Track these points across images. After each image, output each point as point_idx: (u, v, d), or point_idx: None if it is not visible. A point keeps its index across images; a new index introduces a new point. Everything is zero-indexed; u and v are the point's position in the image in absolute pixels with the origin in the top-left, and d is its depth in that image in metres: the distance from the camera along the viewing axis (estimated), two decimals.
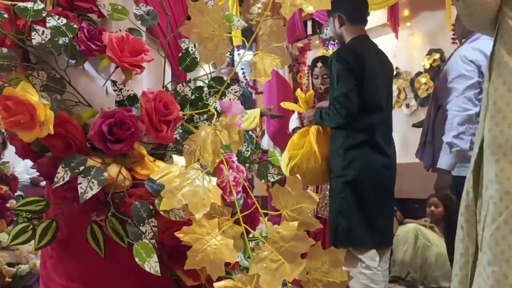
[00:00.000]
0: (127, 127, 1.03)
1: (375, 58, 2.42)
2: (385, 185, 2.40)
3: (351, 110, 2.29)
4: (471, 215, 1.17)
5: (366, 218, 2.33)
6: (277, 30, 1.02)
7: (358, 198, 2.34)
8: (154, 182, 1.04)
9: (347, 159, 2.36)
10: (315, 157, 2.50)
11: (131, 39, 1.10)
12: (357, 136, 2.35)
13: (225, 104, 1.17)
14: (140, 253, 0.96)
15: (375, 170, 2.34)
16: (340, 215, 2.36)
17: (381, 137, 2.38)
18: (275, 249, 1.01)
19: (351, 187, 2.34)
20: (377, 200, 2.36)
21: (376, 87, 2.37)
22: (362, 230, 2.32)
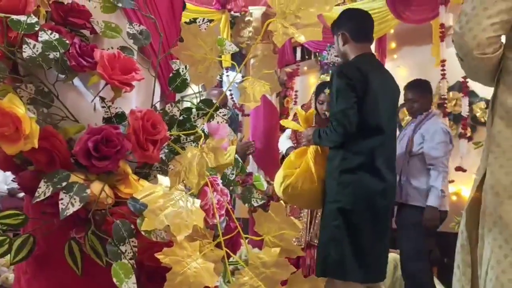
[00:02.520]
0: (113, 144, 1.03)
1: (379, 77, 2.30)
2: (380, 215, 2.24)
3: (349, 128, 2.16)
4: (465, 254, 1.17)
5: (357, 249, 2.18)
6: (268, 57, 1.04)
7: (350, 227, 2.18)
8: (137, 201, 1.03)
9: (341, 183, 2.22)
10: (311, 178, 2.37)
11: (123, 57, 1.11)
12: (354, 158, 2.21)
13: (212, 127, 1.17)
14: (118, 273, 0.95)
15: (370, 198, 2.20)
16: (331, 243, 2.21)
17: (381, 161, 2.24)
18: (256, 275, 1.01)
19: (344, 215, 2.19)
20: (371, 231, 2.21)
21: (378, 107, 2.25)
22: (352, 263, 2.16)
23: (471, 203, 1.18)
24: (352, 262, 2.17)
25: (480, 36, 1.08)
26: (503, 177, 1.08)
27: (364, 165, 2.20)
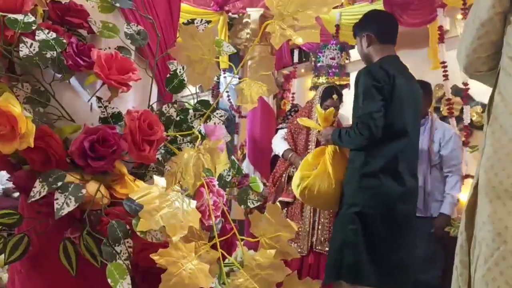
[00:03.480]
0: (109, 144, 1.02)
1: (404, 80, 2.23)
2: (400, 220, 2.15)
3: (375, 132, 2.08)
4: (464, 255, 1.18)
5: (374, 254, 2.11)
6: (266, 59, 1.04)
7: (368, 232, 2.12)
8: (132, 202, 1.03)
9: (362, 187, 2.15)
10: (329, 180, 2.30)
11: (120, 57, 1.11)
12: (377, 162, 2.14)
13: (209, 128, 1.17)
14: (113, 273, 0.94)
15: (390, 202, 2.12)
16: (346, 247, 2.13)
17: (404, 166, 2.17)
18: (251, 277, 1.01)
19: (362, 219, 2.12)
20: (390, 236, 2.12)
21: (403, 111, 2.18)
22: (368, 267, 2.09)
23: (469, 204, 1.19)
24: (368, 266, 2.10)
25: (471, 57, 1.17)
26: (493, 177, 1.10)
27: (387, 169, 2.14)
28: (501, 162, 1.10)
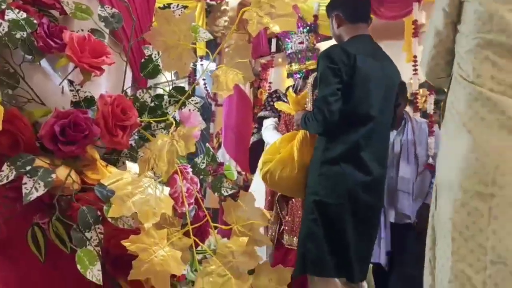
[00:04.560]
0: (80, 129, 1.00)
1: (372, 61, 2.06)
2: (363, 210, 2.03)
3: (329, 117, 1.96)
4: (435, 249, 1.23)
5: (335, 245, 2.01)
6: (243, 46, 1.03)
7: (328, 222, 2.01)
8: (104, 188, 1.02)
9: (322, 174, 2.04)
10: (292, 165, 2.18)
11: (93, 40, 1.08)
12: (337, 148, 2.01)
13: (184, 115, 1.16)
14: (82, 260, 0.93)
15: (351, 191, 2.01)
16: (308, 239, 2.04)
17: (368, 153, 2.04)
18: (223, 264, 1.01)
19: (322, 208, 2.01)
20: (352, 227, 2.01)
21: (368, 93, 2.03)
22: (330, 259, 2.00)
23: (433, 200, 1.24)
24: (330, 258, 2.00)
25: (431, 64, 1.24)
26: (443, 172, 1.16)
27: (348, 156, 2.01)
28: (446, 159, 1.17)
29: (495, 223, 1.03)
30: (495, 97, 1.05)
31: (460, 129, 1.11)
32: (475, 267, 1.05)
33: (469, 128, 1.09)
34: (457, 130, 1.13)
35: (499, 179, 1.03)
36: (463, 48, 1.14)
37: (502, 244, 1.02)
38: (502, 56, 1.05)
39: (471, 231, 1.06)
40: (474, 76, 1.09)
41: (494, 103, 1.05)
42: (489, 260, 1.03)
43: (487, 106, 1.06)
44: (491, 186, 1.04)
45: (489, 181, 1.04)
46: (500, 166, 1.03)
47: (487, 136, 1.05)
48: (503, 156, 1.03)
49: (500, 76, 1.05)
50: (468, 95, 1.10)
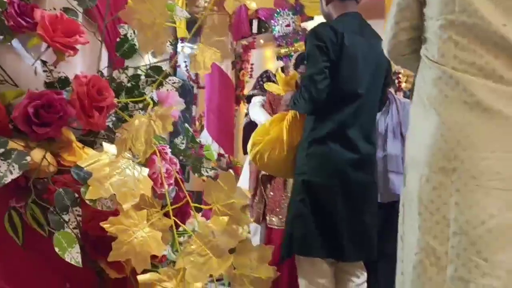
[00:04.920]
0: (55, 110, 0.98)
1: (360, 39, 2.04)
2: (354, 189, 2.00)
3: (316, 96, 1.94)
4: None
5: (324, 225, 1.98)
6: (220, 24, 1.02)
7: (316, 202, 1.99)
8: (81, 170, 1.00)
9: (309, 154, 2.02)
10: (281, 146, 2.15)
11: (66, 18, 1.05)
12: (324, 127, 2.00)
13: (162, 95, 1.14)
14: (60, 242, 0.92)
15: (340, 170, 1.99)
16: (296, 219, 2.02)
17: (355, 131, 2.02)
18: (204, 244, 1.01)
19: (310, 188, 2.00)
20: (342, 206, 1.99)
21: (355, 72, 2.01)
22: (317, 239, 1.97)
23: None
24: (317, 238, 1.97)
25: (393, 41, 1.24)
26: (411, 150, 1.20)
27: (335, 135, 2.00)
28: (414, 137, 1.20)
29: (457, 196, 1.06)
30: (457, 75, 1.08)
31: (427, 108, 1.14)
32: (439, 239, 1.08)
33: (434, 106, 1.12)
34: (424, 109, 1.16)
35: (461, 153, 1.06)
36: (429, 30, 1.16)
37: (464, 216, 1.05)
38: (464, 35, 1.07)
39: (436, 204, 1.09)
40: (438, 56, 1.12)
41: (456, 81, 1.08)
42: (452, 232, 1.06)
43: (450, 84, 1.09)
44: (453, 161, 1.07)
45: (452, 156, 1.07)
46: (462, 141, 1.06)
47: (451, 113, 1.08)
48: (464, 132, 1.06)
49: (462, 55, 1.08)
50: (433, 74, 1.13)
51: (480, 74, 1.06)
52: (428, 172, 1.11)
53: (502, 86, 1.04)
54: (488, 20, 1.04)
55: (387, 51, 1.29)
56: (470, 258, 1.04)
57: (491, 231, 1.03)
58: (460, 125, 1.07)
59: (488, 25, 1.04)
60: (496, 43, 1.05)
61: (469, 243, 1.04)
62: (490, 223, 1.03)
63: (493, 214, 1.03)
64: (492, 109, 1.04)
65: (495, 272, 1.02)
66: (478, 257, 1.03)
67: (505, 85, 1.04)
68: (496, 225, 1.03)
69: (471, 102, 1.06)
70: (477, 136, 1.05)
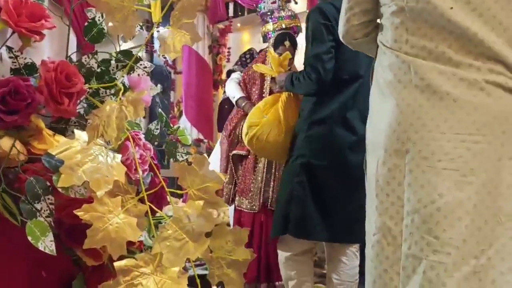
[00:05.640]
0: (22, 97, 0.96)
1: None
2: (351, 171, 1.98)
3: (324, 75, 1.90)
4: None
5: (323, 207, 1.99)
6: (189, 6, 1.00)
7: (315, 184, 1.99)
8: (52, 157, 0.99)
9: (309, 136, 2.00)
10: (280, 127, 2.14)
11: (30, 3, 1.02)
12: (324, 109, 1.98)
13: (133, 79, 1.13)
14: (33, 231, 0.91)
15: (339, 152, 1.98)
16: (293, 201, 2.01)
17: (354, 113, 2.00)
18: (180, 228, 1.01)
19: (309, 170, 1.99)
20: (340, 187, 2.00)
21: (357, 53, 1.95)
22: (317, 221, 1.98)
23: None
24: (316, 220, 1.98)
25: (347, 26, 1.28)
26: (369, 134, 1.24)
27: (335, 116, 1.98)
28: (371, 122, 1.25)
29: (410, 177, 1.10)
30: (408, 60, 1.11)
31: (383, 93, 1.17)
32: (395, 219, 1.12)
33: (390, 91, 1.15)
34: (380, 94, 1.19)
35: (413, 135, 1.09)
36: (384, 16, 1.19)
37: (416, 195, 1.09)
38: (414, 20, 1.10)
39: (391, 186, 1.13)
40: (392, 42, 1.15)
41: (408, 66, 1.11)
42: (406, 211, 1.10)
43: (403, 69, 1.12)
44: (406, 143, 1.10)
45: (405, 138, 1.10)
46: (414, 123, 1.09)
47: (403, 97, 1.12)
48: (416, 114, 1.09)
49: (413, 40, 1.10)
50: (388, 60, 1.16)
51: (430, 58, 1.09)
52: (383, 154, 1.14)
53: (451, 68, 1.07)
54: (435, 4, 1.06)
55: (341, 35, 1.32)
56: (422, 236, 1.08)
57: (440, 210, 1.06)
58: (412, 107, 1.10)
59: (435, 9, 1.06)
60: (443, 26, 1.07)
61: (421, 221, 1.08)
62: (440, 202, 1.06)
63: (443, 193, 1.06)
64: (441, 91, 1.07)
65: (444, 248, 1.06)
66: (429, 235, 1.07)
67: (454, 67, 1.07)
68: (445, 203, 1.06)
69: (422, 85, 1.09)
70: (428, 118, 1.08)
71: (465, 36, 1.06)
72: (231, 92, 3.02)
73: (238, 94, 2.93)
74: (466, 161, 1.06)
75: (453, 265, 1.05)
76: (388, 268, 1.12)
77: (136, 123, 1.24)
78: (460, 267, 1.05)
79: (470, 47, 1.06)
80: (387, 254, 1.12)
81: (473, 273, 1.05)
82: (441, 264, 1.05)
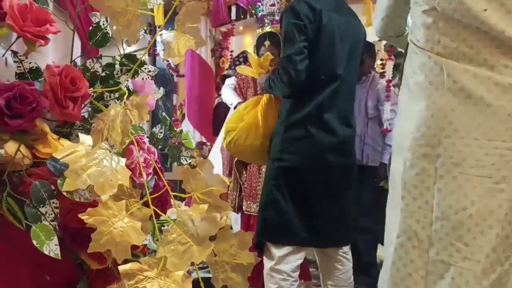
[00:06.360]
0: (27, 101, 0.96)
1: (337, 17, 1.94)
2: (332, 173, 1.95)
3: (295, 77, 1.83)
4: None
5: (300, 212, 1.92)
6: (193, 11, 1.01)
7: (293, 188, 1.93)
8: (57, 161, 0.99)
9: (286, 139, 1.94)
10: (256, 132, 2.08)
11: (35, 7, 1.03)
12: (301, 111, 1.92)
13: (138, 84, 1.13)
14: (38, 235, 0.91)
15: (318, 154, 1.92)
16: (269, 205, 1.96)
17: (332, 114, 1.94)
18: (184, 232, 1.01)
19: (287, 174, 1.93)
20: (320, 191, 1.94)
21: (333, 51, 1.93)
22: (294, 226, 1.91)
23: None
24: (294, 225, 1.92)
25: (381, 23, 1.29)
26: (398, 135, 1.22)
27: (312, 118, 1.92)
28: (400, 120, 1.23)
29: (440, 182, 1.08)
30: (441, 61, 1.08)
31: (413, 94, 1.15)
32: (422, 223, 1.11)
33: (420, 92, 1.12)
34: (410, 94, 1.17)
35: (444, 140, 1.07)
36: (414, 15, 1.16)
37: (446, 201, 1.08)
38: (446, 20, 1.08)
39: (419, 189, 1.11)
40: (423, 41, 1.12)
41: (440, 67, 1.08)
42: (435, 217, 1.09)
43: (435, 70, 1.09)
44: (437, 147, 1.08)
45: (435, 142, 1.08)
46: (445, 128, 1.07)
47: (434, 99, 1.09)
48: (448, 118, 1.07)
49: (445, 40, 1.08)
50: (419, 60, 1.14)
51: (463, 59, 1.06)
52: (411, 157, 1.12)
53: (486, 71, 1.04)
54: (468, 5, 1.04)
55: (376, 30, 1.32)
56: (451, 242, 1.07)
57: (471, 217, 1.05)
58: (444, 111, 1.08)
59: (468, 10, 1.04)
60: (477, 27, 1.05)
61: (451, 228, 1.07)
62: (471, 209, 1.05)
63: (474, 200, 1.05)
64: (475, 96, 1.05)
65: (475, 256, 1.05)
66: (459, 241, 1.06)
67: (488, 69, 1.04)
68: (477, 211, 1.05)
69: (455, 88, 1.06)
70: (460, 123, 1.06)
71: (500, 38, 1.03)
72: (228, 98, 3.03)
73: (236, 100, 2.93)
74: (499, 168, 1.03)
75: (482, 272, 1.04)
76: (412, 272, 1.11)
77: (140, 126, 1.25)
78: (488, 274, 1.04)
79: (506, 49, 1.03)
80: (412, 258, 1.11)
81: (499, 279, 1.04)
82: (470, 271, 1.04)
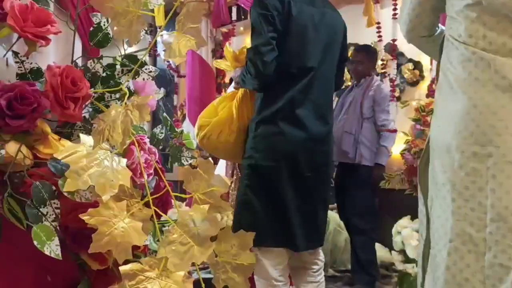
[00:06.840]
0: (28, 102, 0.96)
1: (309, 8, 1.86)
2: (304, 171, 1.85)
3: (263, 69, 1.75)
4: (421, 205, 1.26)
5: (273, 213, 1.83)
6: (194, 11, 1.01)
7: (265, 188, 1.84)
8: (58, 162, 0.99)
9: (257, 136, 1.85)
10: (230, 127, 1.97)
11: (36, 8, 1.03)
12: (271, 106, 1.82)
13: (138, 84, 1.13)
14: (39, 236, 0.91)
15: (289, 152, 1.82)
16: (244, 206, 1.86)
17: (305, 110, 1.84)
18: (185, 232, 1.01)
19: (257, 172, 1.84)
20: (293, 191, 1.84)
21: (304, 45, 1.84)
22: (268, 227, 1.81)
23: (421, 161, 1.25)
24: (267, 226, 1.81)
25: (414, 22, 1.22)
26: (438, 135, 1.16)
27: (283, 113, 1.82)
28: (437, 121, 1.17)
29: (494, 182, 1.03)
30: (488, 57, 1.04)
31: (455, 91, 1.10)
32: (476, 226, 1.05)
33: (464, 89, 1.07)
34: (451, 92, 1.11)
35: (496, 138, 1.03)
36: (454, 9, 1.11)
37: (501, 202, 1.03)
38: (492, 15, 1.03)
39: (470, 190, 1.06)
40: (466, 36, 1.07)
41: (487, 63, 1.04)
42: (489, 218, 1.04)
43: (481, 66, 1.05)
44: (488, 146, 1.03)
45: (485, 141, 1.04)
46: (496, 125, 1.03)
47: (482, 96, 1.04)
48: (498, 116, 1.03)
49: (491, 36, 1.04)
50: (461, 55, 1.09)
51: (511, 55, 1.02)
52: (459, 157, 1.07)
53: None
54: None
55: (405, 31, 1.25)
56: (510, 244, 1.02)
57: None
58: (493, 108, 1.03)
59: None
60: None
61: (508, 229, 1.02)
62: None
63: None
64: None
65: None
66: None
67: None
68: None
69: (504, 85, 1.02)
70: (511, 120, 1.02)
71: None
72: None
73: None
74: None
75: None
76: (469, 276, 1.06)
77: (141, 127, 1.25)
78: None
79: None
80: (468, 262, 1.06)
81: None
82: None
